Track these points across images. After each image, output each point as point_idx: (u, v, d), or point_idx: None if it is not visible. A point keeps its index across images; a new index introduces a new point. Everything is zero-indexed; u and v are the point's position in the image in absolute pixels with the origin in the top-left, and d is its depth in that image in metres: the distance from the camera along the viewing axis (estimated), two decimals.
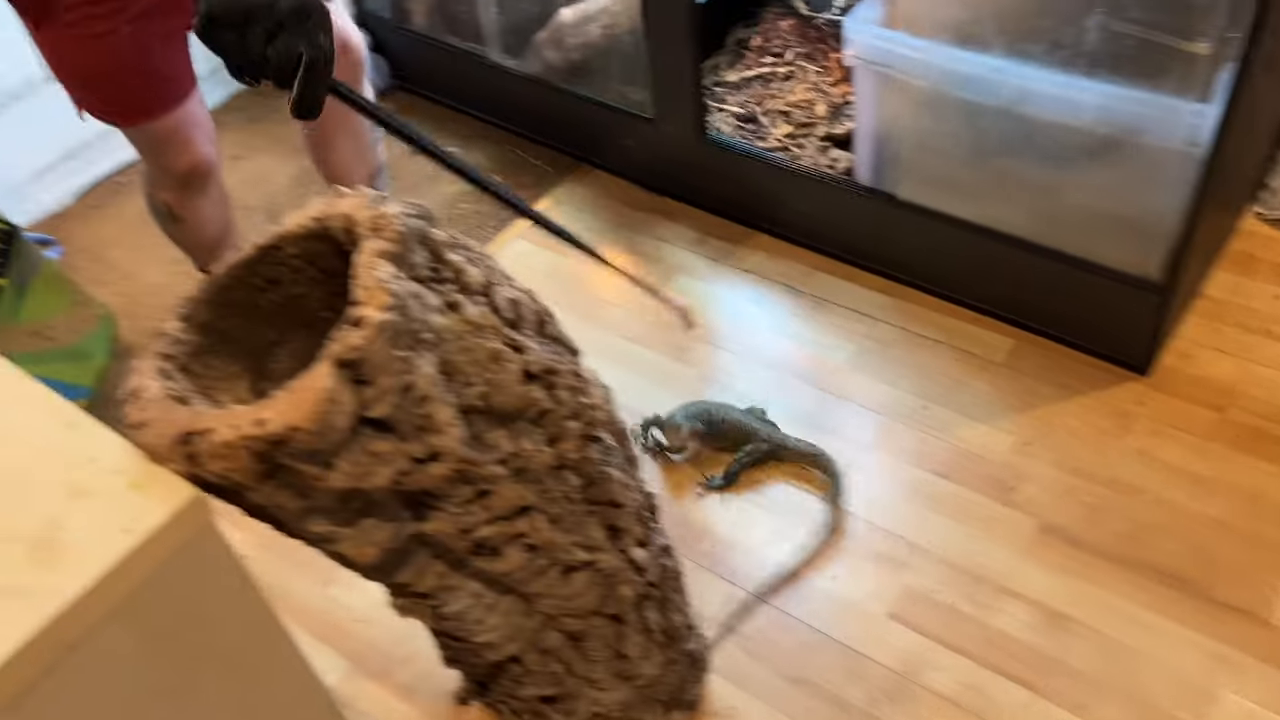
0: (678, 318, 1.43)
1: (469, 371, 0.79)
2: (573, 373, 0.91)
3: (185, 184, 1.62)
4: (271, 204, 2.22)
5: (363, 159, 1.83)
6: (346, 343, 0.69)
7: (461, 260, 0.81)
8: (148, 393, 0.77)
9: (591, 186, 2.17)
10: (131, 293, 2.05)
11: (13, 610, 0.65)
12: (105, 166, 2.32)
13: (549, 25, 2.08)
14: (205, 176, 1.63)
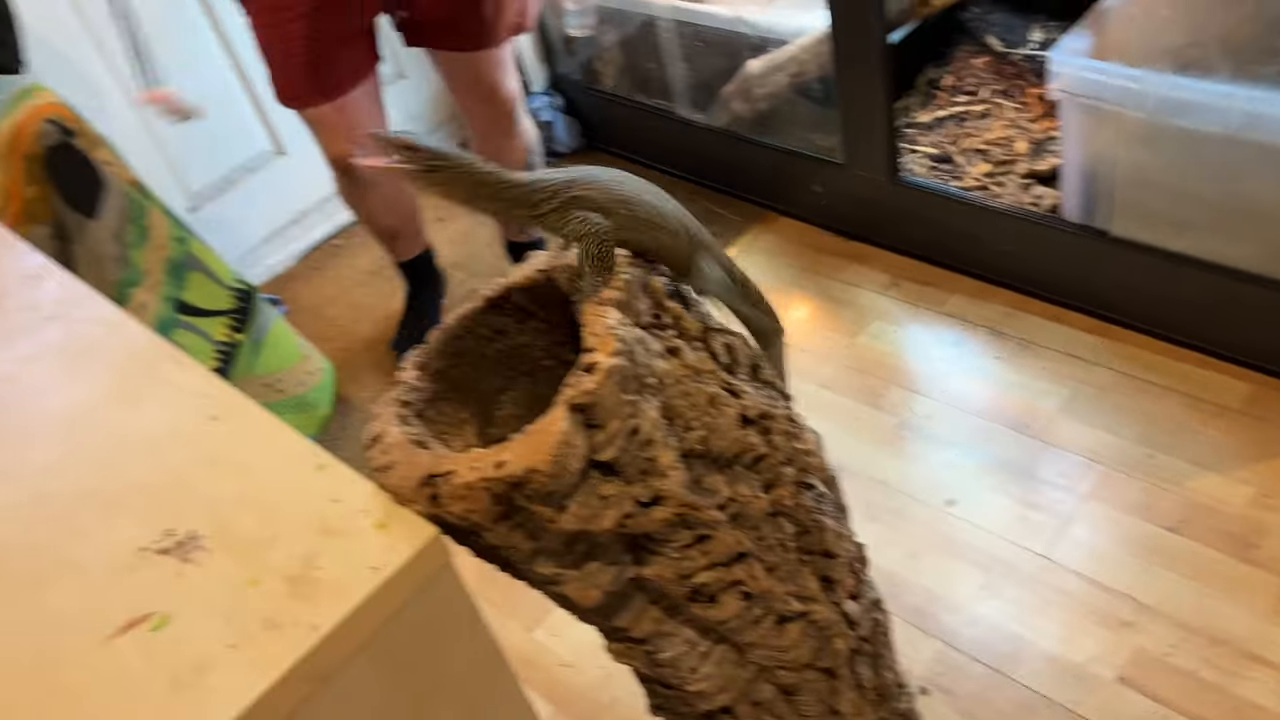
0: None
1: (689, 415, 0.79)
2: (786, 417, 0.90)
3: (341, 171, 1.85)
4: (472, 261, 2.34)
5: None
6: (580, 388, 0.70)
7: (679, 306, 0.82)
8: (390, 437, 0.81)
9: (779, 233, 2.17)
10: (348, 348, 2.20)
11: (277, 641, 0.69)
12: (324, 231, 2.50)
13: (736, 78, 2.11)
14: (347, 171, 1.86)
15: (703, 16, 2.12)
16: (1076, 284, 1.78)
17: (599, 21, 2.35)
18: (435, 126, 2.65)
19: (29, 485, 0.87)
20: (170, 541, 0.79)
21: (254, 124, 2.29)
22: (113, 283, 1.42)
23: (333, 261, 2.46)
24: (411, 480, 0.75)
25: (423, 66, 2.53)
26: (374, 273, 2.39)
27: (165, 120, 1.56)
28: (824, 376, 1.84)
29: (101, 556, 0.79)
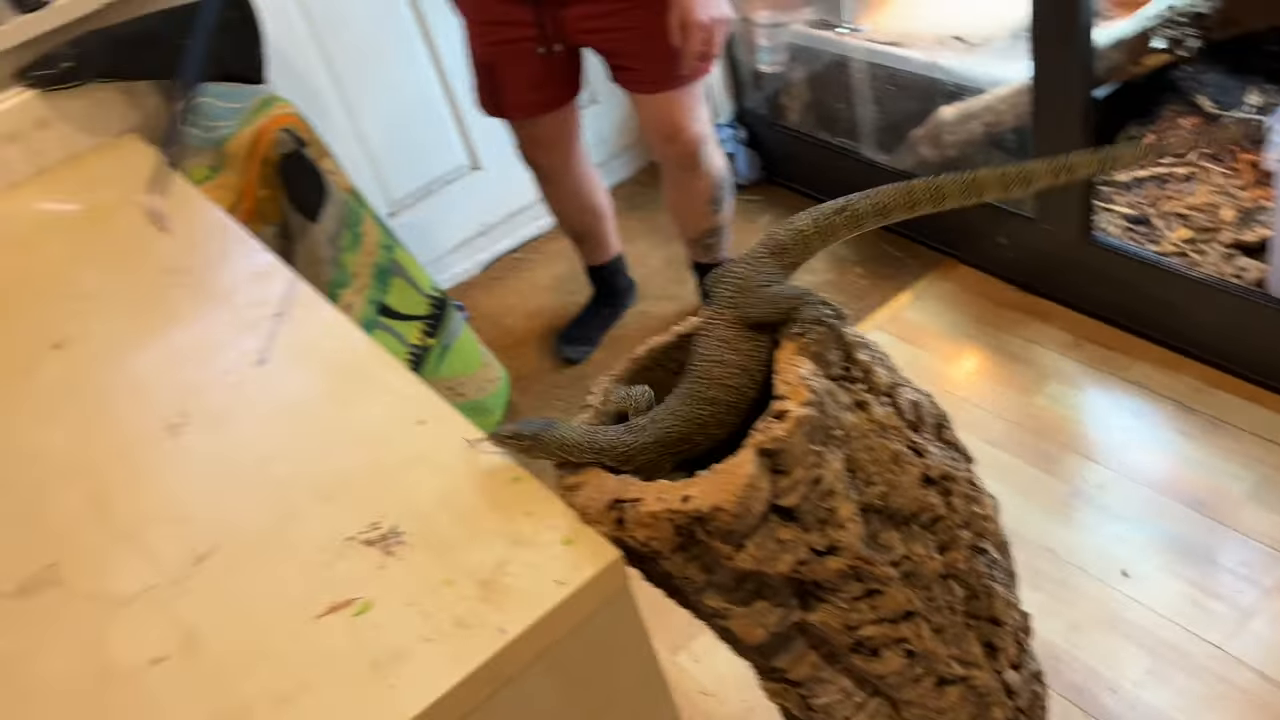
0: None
1: (871, 470, 0.80)
2: (968, 480, 0.89)
3: (534, 172, 2.05)
4: (645, 285, 2.39)
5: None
6: (769, 433, 0.73)
7: (870, 360, 0.84)
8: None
9: (958, 282, 2.13)
10: (519, 358, 2.29)
11: (467, 640, 0.74)
12: (509, 244, 2.62)
13: (928, 123, 2.09)
14: (539, 173, 2.03)
15: (897, 60, 2.12)
16: (1278, 364, 1.68)
17: (789, 58, 2.38)
18: (620, 151, 2.73)
19: (256, 470, 0.96)
20: (375, 534, 0.85)
21: (454, 139, 2.43)
22: (325, 283, 1.54)
23: (514, 273, 2.57)
24: (599, 502, 0.80)
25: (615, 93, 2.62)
26: (551, 288, 2.49)
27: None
28: (994, 434, 1.79)
29: (314, 540, 0.86)
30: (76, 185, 1.61)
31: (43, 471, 1.04)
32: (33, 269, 1.41)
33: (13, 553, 0.94)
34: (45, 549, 0.94)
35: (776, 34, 2.37)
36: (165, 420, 1.05)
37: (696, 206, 1.99)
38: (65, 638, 0.84)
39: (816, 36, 2.28)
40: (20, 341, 1.26)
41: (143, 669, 0.79)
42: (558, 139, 1.98)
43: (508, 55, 1.80)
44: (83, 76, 1.66)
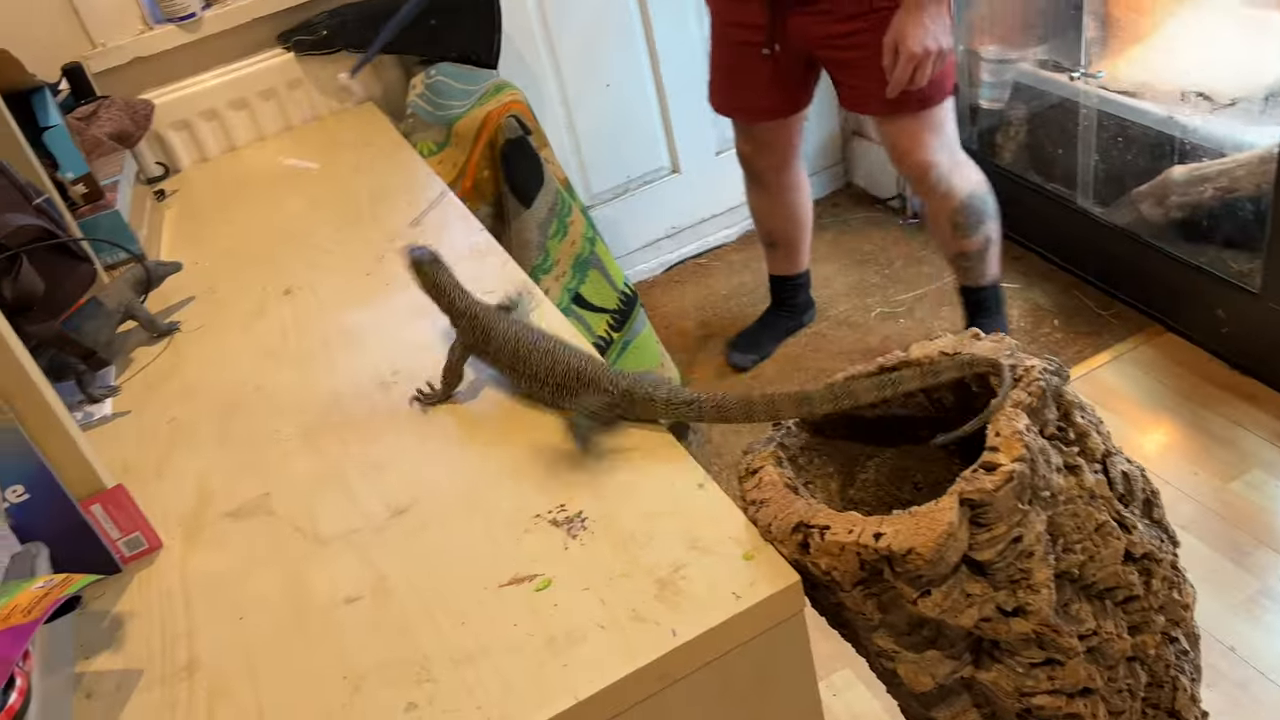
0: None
1: (1074, 538, 0.77)
2: (1171, 564, 0.85)
3: (743, 168, 2.10)
4: (825, 307, 2.37)
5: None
6: (976, 484, 0.71)
7: (1087, 424, 0.81)
8: (767, 476, 0.86)
9: (1163, 350, 2.02)
10: (689, 362, 2.31)
11: (641, 635, 0.76)
12: (695, 248, 2.65)
13: (1154, 180, 1.99)
14: (751, 176, 2.08)
15: (1131, 110, 2.02)
16: None
17: (1011, 96, 2.30)
18: (820, 169, 2.71)
19: (456, 435, 1.01)
20: (562, 515, 0.89)
21: (660, 141, 2.47)
22: (529, 267, 1.60)
23: (694, 278, 2.60)
24: (784, 523, 0.80)
25: (822, 111, 2.60)
26: (729, 296, 2.50)
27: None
28: (1183, 516, 1.69)
29: (504, 512, 0.90)
30: (318, 146, 1.73)
31: (267, 406, 1.12)
32: (274, 219, 1.53)
33: (235, 476, 1.03)
34: (262, 478, 1.02)
35: (1001, 70, 2.30)
36: (378, 375, 1.12)
37: (941, 228, 1.97)
38: (272, 564, 0.91)
39: (1044, 77, 2.20)
40: (258, 283, 1.37)
41: (337, 605, 0.85)
42: (777, 145, 2.01)
43: (741, 57, 1.85)
44: (337, 44, 1.78)
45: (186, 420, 1.14)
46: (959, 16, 2.29)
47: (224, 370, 1.21)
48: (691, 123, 2.46)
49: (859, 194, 2.73)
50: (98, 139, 1.57)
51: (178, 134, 1.78)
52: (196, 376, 1.22)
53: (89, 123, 1.60)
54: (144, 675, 0.83)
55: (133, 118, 1.64)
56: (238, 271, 1.41)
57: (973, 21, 2.30)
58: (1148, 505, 0.85)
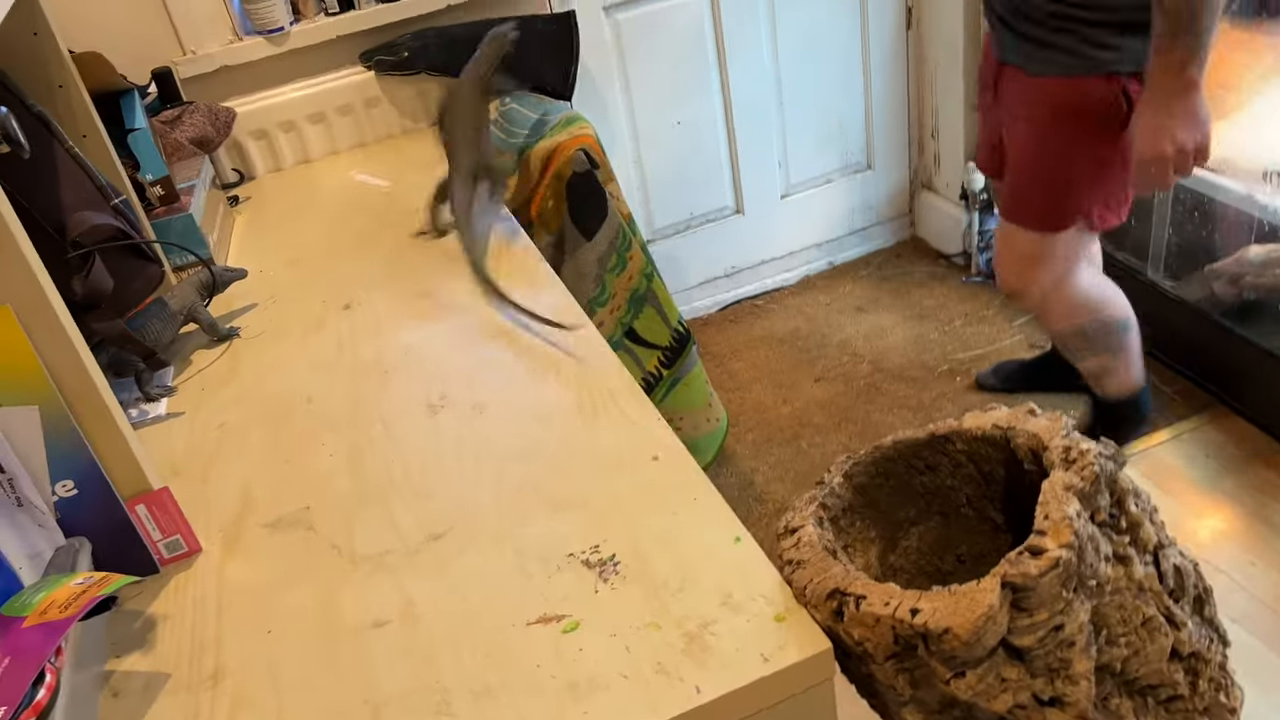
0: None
1: (1119, 631, 0.75)
2: (1220, 665, 0.82)
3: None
4: (880, 359, 2.34)
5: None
6: (1021, 568, 0.69)
7: (1140, 513, 0.78)
8: (806, 536, 0.85)
9: (1226, 431, 1.96)
10: (738, 404, 2.30)
11: (664, 689, 0.75)
12: (752, 289, 2.64)
13: (1229, 258, 1.94)
14: (1006, 293, 1.80)
15: (1210, 185, 1.97)
16: None
17: None
18: (885, 219, 2.69)
19: (499, 466, 1.01)
20: (595, 557, 0.88)
21: (725, 180, 2.48)
22: (586, 298, 1.60)
23: (749, 319, 2.59)
24: (820, 588, 0.78)
25: (888, 160, 2.59)
26: (783, 340, 2.48)
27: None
28: (1235, 608, 1.63)
29: (539, 548, 0.90)
30: (390, 164, 1.76)
31: (316, 419, 1.14)
32: (342, 233, 1.56)
33: (277, 486, 1.04)
34: (304, 491, 1.03)
35: None
36: (427, 398, 1.13)
37: (1057, 341, 1.86)
38: (305, 580, 0.92)
39: None
40: (318, 296, 1.39)
41: (366, 628, 0.85)
42: (1011, 251, 1.77)
43: (981, 101, 1.79)
44: (416, 66, 1.82)
45: (237, 426, 1.16)
46: None
47: (278, 379, 1.23)
48: (758, 165, 2.47)
49: (924, 247, 2.70)
50: (179, 143, 1.62)
51: (256, 143, 1.82)
52: (251, 383, 1.24)
53: (173, 126, 1.65)
54: (171, 679, 0.84)
55: (214, 124, 1.69)
56: (301, 282, 1.44)
57: None
58: (1199, 602, 0.82)
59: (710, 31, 2.26)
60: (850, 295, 2.60)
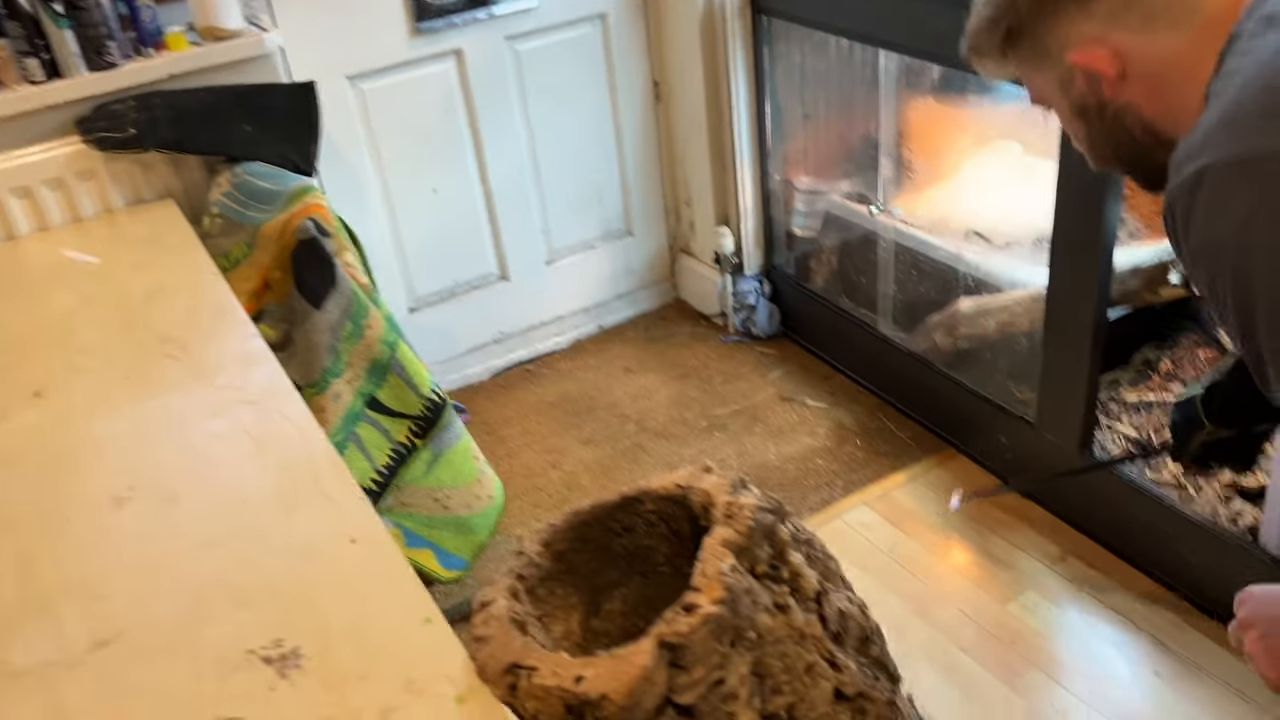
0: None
1: (781, 679, 0.78)
2: (887, 702, 0.86)
3: None
4: (644, 419, 2.39)
5: None
6: (674, 626, 0.71)
7: (801, 561, 0.82)
8: (496, 609, 0.85)
9: (953, 472, 2.11)
10: (508, 470, 2.28)
11: None
12: (523, 354, 2.64)
13: (945, 311, 2.11)
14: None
15: (923, 244, 2.15)
16: None
17: (823, 224, 2.43)
18: (649, 284, 2.77)
19: (186, 560, 0.95)
20: (276, 652, 0.84)
21: (488, 249, 2.48)
22: (320, 369, 1.56)
23: (521, 384, 2.59)
24: (498, 662, 0.78)
25: (648, 227, 2.68)
26: (555, 405, 2.49)
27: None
28: (964, 639, 1.74)
29: (218, 647, 0.85)
30: (104, 239, 1.66)
31: None
32: (40, 314, 1.45)
33: None
34: None
35: (814, 200, 2.42)
36: (114, 490, 1.06)
37: None
38: None
39: (851, 209, 2.33)
40: (6, 384, 1.28)
41: None
42: None
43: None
44: (145, 144, 1.73)
45: None
46: (775, 149, 2.42)
47: None
48: (520, 232, 2.49)
49: (686, 309, 2.80)
50: None
51: None
52: None
53: None
54: None
55: None
56: None
57: (787, 153, 2.43)
58: (864, 642, 0.87)
59: (460, 101, 2.28)
60: (619, 357, 2.65)
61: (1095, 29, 0.85)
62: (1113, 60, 0.85)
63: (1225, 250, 0.73)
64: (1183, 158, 0.77)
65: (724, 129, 2.43)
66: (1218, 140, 0.74)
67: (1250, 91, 0.74)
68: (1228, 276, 0.74)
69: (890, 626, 1.78)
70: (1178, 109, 0.83)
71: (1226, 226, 0.72)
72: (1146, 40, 0.84)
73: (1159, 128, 0.88)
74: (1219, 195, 0.73)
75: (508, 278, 2.53)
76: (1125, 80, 0.86)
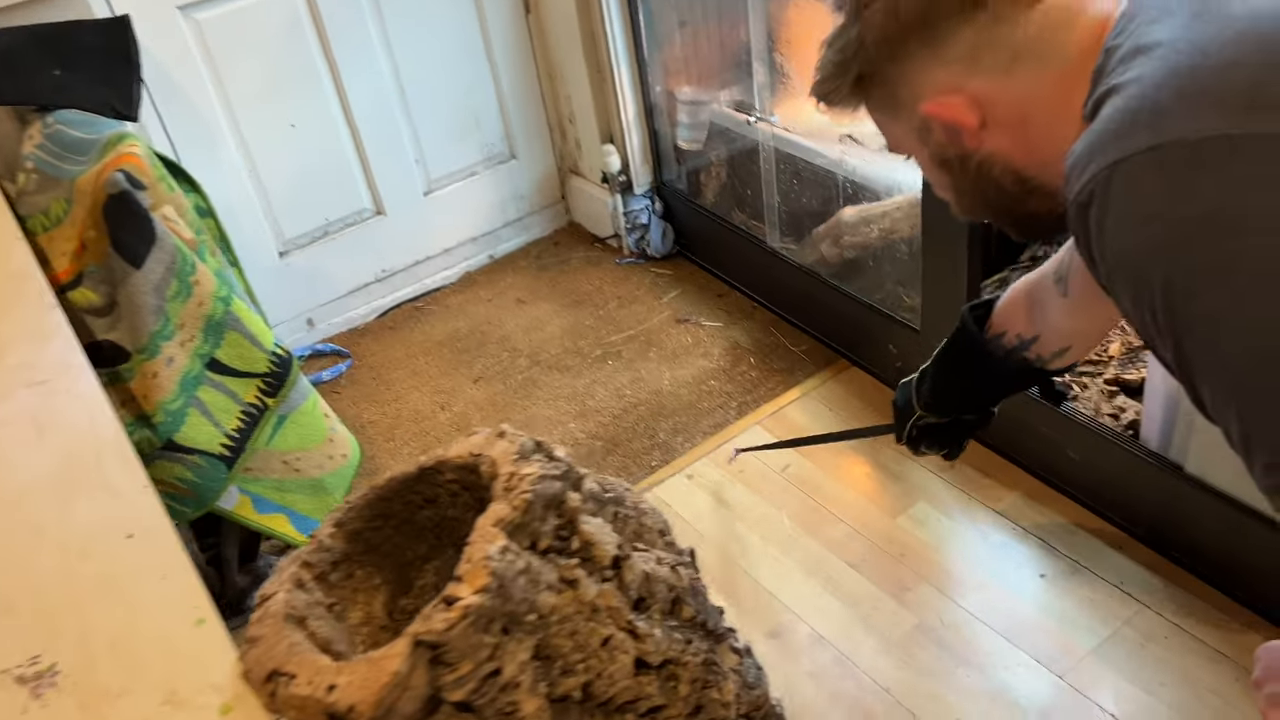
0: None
1: (573, 659, 0.73)
2: (703, 663, 0.82)
3: None
4: (537, 352, 2.32)
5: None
6: (430, 625, 0.65)
7: (597, 528, 0.76)
8: (274, 605, 0.78)
9: (847, 384, 2.07)
10: (395, 415, 2.21)
11: None
12: (410, 291, 2.54)
13: (829, 221, 2.05)
14: None
15: (805, 151, 2.07)
16: (1145, 512, 1.62)
17: (709, 137, 2.33)
18: (539, 208, 2.67)
19: None
20: (31, 670, 0.77)
21: (359, 184, 2.35)
22: (147, 332, 1.45)
23: (409, 323, 2.49)
24: (262, 668, 0.71)
25: (530, 148, 2.56)
26: (444, 343, 2.41)
27: None
28: (854, 553, 1.72)
29: None
30: None
31: None
32: None
33: None
34: None
35: (697, 111, 2.32)
36: None
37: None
38: None
39: (734, 119, 2.24)
40: None
41: None
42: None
43: None
44: None
45: None
46: (653, 58, 2.29)
47: None
48: (392, 164, 2.36)
49: (580, 232, 2.70)
50: None
51: None
52: None
53: None
54: None
55: None
56: None
57: (666, 63, 2.32)
58: (676, 604, 0.82)
59: (309, 26, 2.13)
60: (511, 288, 2.56)
61: (950, 76, 0.76)
62: (971, 109, 0.76)
63: (1151, 258, 0.62)
64: (1083, 157, 0.66)
65: (598, 39, 2.30)
66: (1125, 132, 0.63)
67: (1156, 81, 0.64)
68: (1156, 287, 0.61)
69: (779, 546, 1.77)
70: (1049, 152, 0.73)
71: (1149, 231, 0.61)
72: (1008, 83, 0.74)
73: (1029, 175, 0.78)
74: (1139, 193, 0.62)
75: (384, 212, 2.41)
76: (987, 128, 0.77)
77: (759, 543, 1.78)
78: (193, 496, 1.54)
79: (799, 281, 2.14)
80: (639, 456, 2.01)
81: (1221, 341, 0.60)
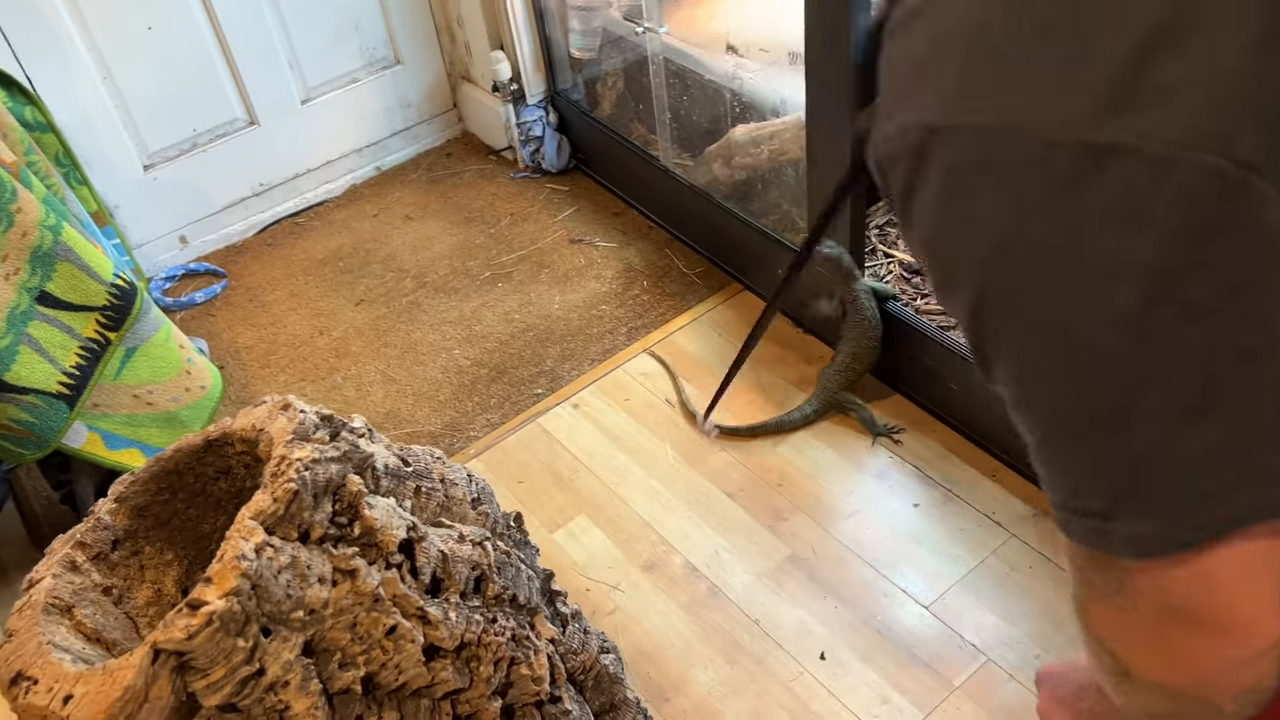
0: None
1: (354, 651, 0.68)
2: (510, 640, 0.78)
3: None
4: (424, 272, 2.23)
5: None
6: (169, 633, 0.60)
7: (381, 514, 0.71)
8: (36, 594, 0.72)
9: (738, 309, 2.03)
10: (271, 339, 2.11)
11: None
12: (290, 205, 2.41)
13: (721, 140, 1.97)
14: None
15: (695, 64, 1.98)
16: (1019, 443, 1.62)
17: (601, 46, 2.22)
18: (429, 117, 2.53)
19: None
20: None
21: (229, 92, 2.21)
22: None
23: (289, 240, 2.38)
24: (9, 669, 0.66)
25: (416, 52, 2.42)
26: (326, 261, 2.30)
27: None
28: (735, 483, 1.71)
29: None
30: None
31: None
32: None
33: None
34: None
35: (589, 17, 2.20)
36: None
37: None
38: None
39: (625, 26, 2.12)
40: None
41: None
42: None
43: None
44: None
45: None
46: None
47: None
48: (264, 70, 2.21)
49: (475, 143, 2.59)
50: None
51: None
52: None
53: None
54: None
55: None
56: None
57: None
58: (478, 584, 0.78)
59: None
60: (399, 203, 2.45)
61: None
62: None
63: (970, 261, 0.48)
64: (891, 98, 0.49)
65: None
66: (941, 85, 0.46)
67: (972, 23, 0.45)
68: (966, 290, 0.49)
69: (660, 478, 1.75)
70: None
71: (975, 233, 0.47)
72: None
73: None
74: (963, 184, 0.46)
75: (257, 122, 2.27)
76: None
77: (641, 474, 1.75)
78: (32, 438, 1.45)
79: (693, 202, 2.08)
80: (524, 385, 1.96)
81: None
